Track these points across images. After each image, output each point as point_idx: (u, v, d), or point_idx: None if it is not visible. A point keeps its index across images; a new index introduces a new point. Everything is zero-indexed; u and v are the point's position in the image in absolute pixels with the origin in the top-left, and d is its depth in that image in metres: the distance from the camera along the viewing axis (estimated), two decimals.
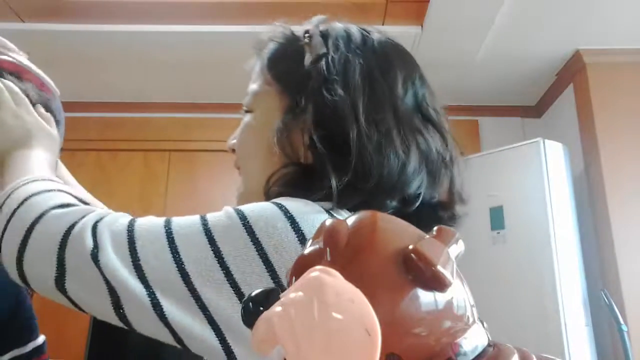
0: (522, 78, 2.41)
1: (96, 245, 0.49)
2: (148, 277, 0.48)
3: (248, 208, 0.51)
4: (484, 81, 2.44)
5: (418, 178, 0.57)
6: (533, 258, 1.97)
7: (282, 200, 0.53)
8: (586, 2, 1.91)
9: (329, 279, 0.22)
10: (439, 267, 0.24)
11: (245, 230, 0.49)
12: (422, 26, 2.04)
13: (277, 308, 0.22)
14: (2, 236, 0.54)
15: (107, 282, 0.48)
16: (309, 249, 0.27)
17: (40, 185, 0.57)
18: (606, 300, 1.80)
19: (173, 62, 2.30)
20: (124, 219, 0.53)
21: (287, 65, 0.62)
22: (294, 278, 0.26)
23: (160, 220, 0.52)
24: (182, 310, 0.47)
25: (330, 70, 0.57)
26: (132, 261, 0.48)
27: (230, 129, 0.70)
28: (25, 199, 0.55)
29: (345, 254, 0.25)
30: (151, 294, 0.47)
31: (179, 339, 0.48)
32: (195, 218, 0.52)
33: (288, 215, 0.50)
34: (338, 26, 0.64)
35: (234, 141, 0.68)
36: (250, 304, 0.25)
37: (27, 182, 0.58)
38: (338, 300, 0.21)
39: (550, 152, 2.06)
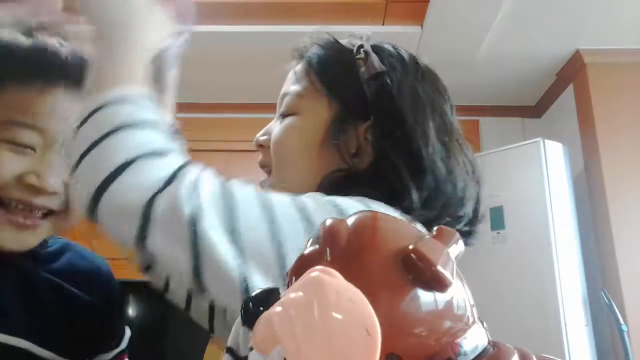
0: (522, 78, 2.41)
1: (195, 207, 0.46)
2: (243, 246, 0.46)
3: (336, 198, 0.52)
4: (484, 81, 2.44)
5: (473, 197, 0.61)
6: (533, 258, 1.97)
7: (365, 200, 0.54)
8: (586, 2, 1.91)
9: (329, 279, 0.22)
10: (439, 267, 0.24)
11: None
12: (422, 26, 2.04)
13: (277, 308, 0.22)
14: (79, 162, 0.50)
15: (195, 245, 0.46)
16: (309, 249, 0.27)
17: (134, 113, 0.52)
18: (606, 300, 1.80)
19: None
20: (216, 179, 0.51)
21: (339, 74, 0.64)
22: (294, 278, 0.26)
23: (253, 190, 0.51)
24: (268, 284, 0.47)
25: (395, 89, 0.60)
26: (231, 229, 0.47)
27: (231, 129, 0.70)
28: (114, 130, 0.50)
29: (345, 254, 0.25)
30: (241, 265, 0.46)
31: None
32: (287, 197, 0.51)
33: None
34: (388, 46, 0.66)
35: (265, 137, 0.67)
36: (251, 303, 0.25)
37: (119, 102, 0.52)
38: (338, 300, 0.21)
39: (550, 152, 2.06)
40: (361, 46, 0.64)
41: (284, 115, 0.66)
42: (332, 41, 0.66)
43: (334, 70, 0.64)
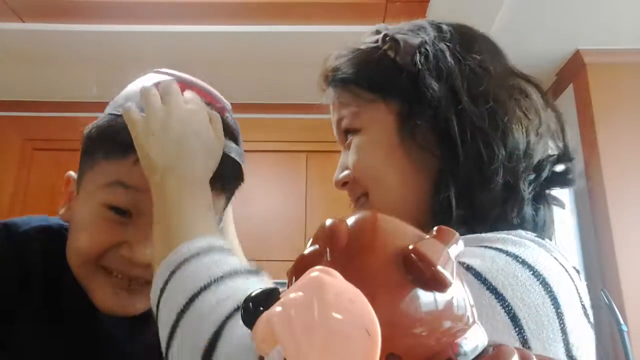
0: None
1: None
2: None
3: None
4: None
5: (543, 139, 0.56)
6: None
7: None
8: (586, 2, 1.91)
9: (329, 279, 0.22)
10: (439, 267, 0.24)
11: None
12: None
13: (277, 308, 0.22)
14: (170, 342, 0.46)
15: None
16: (309, 249, 0.27)
17: (211, 269, 0.48)
18: (606, 300, 1.79)
19: (173, 61, 2.29)
20: None
21: (380, 73, 0.60)
22: (294, 278, 0.26)
23: None
24: None
25: (430, 62, 0.57)
26: None
27: None
28: (196, 295, 0.46)
29: (345, 254, 0.25)
30: None
31: None
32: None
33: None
34: (405, 25, 0.63)
35: (345, 173, 0.62)
36: (251, 304, 0.25)
37: (194, 257, 0.49)
38: (338, 300, 0.21)
39: None
40: (385, 36, 0.60)
41: (348, 135, 0.62)
42: (354, 51, 0.63)
43: (373, 72, 0.60)
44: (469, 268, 0.44)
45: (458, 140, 0.53)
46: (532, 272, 0.45)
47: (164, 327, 0.48)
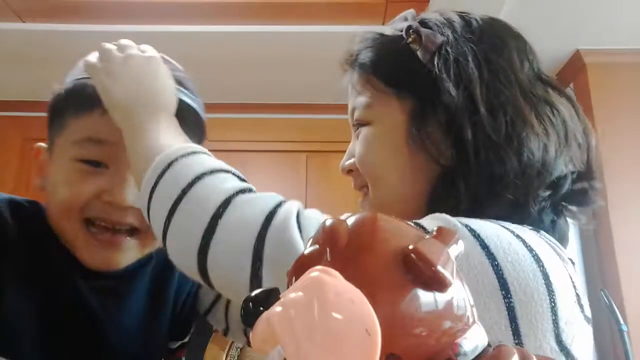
0: None
1: (304, 239, 0.44)
2: None
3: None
4: None
5: (563, 155, 0.53)
6: None
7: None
8: (586, 2, 1.91)
9: (329, 279, 0.22)
10: (439, 267, 0.24)
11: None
12: None
13: (277, 308, 0.22)
14: (169, 222, 0.48)
15: None
16: (309, 249, 0.27)
17: (202, 164, 0.51)
18: (606, 300, 1.79)
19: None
20: (320, 214, 0.49)
21: (398, 67, 0.59)
22: (294, 278, 0.26)
23: None
24: None
25: (449, 66, 0.54)
26: None
27: (230, 130, 0.70)
28: (197, 178, 0.48)
29: (345, 254, 0.25)
30: None
31: None
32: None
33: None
34: (435, 16, 0.60)
35: (351, 161, 0.62)
36: (250, 304, 0.25)
37: (186, 154, 0.51)
38: (338, 300, 0.21)
39: None
40: (409, 27, 0.58)
41: (359, 126, 0.62)
42: (378, 37, 0.61)
43: (392, 64, 0.59)
44: (466, 225, 0.44)
45: (471, 151, 0.52)
46: (526, 247, 0.45)
47: (158, 218, 0.49)
